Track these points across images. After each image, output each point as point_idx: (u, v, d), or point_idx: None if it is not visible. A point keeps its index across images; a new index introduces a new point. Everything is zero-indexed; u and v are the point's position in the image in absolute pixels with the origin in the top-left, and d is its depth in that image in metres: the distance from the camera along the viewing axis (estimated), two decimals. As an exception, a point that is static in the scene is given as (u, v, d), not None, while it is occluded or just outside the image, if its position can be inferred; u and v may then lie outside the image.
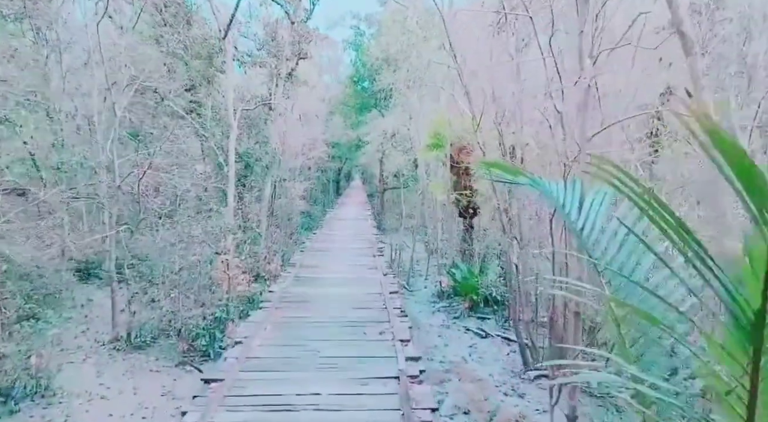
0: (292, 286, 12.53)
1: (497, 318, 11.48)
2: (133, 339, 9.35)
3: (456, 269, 13.12)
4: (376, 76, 26.54)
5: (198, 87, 17.59)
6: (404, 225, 23.35)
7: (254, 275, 14.02)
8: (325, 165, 37.81)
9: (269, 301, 11.06)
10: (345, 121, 35.00)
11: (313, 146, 28.33)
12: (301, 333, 9.12)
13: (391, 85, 24.99)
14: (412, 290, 14.81)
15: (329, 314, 10.18)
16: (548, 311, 8.30)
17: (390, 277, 13.71)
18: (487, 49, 10.81)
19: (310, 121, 27.98)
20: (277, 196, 20.95)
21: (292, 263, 15.67)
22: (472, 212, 14.35)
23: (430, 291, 14.62)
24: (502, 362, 9.11)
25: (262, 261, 14.70)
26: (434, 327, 11.37)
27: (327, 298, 11.39)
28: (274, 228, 20.86)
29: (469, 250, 14.43)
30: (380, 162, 31.97)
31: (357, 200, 40.91)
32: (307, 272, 14.32)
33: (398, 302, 10.85)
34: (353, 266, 15.12)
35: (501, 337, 10.34)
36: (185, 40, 15.41)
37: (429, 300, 13.60)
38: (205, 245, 10.72)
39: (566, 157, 7.26)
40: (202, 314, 9.01)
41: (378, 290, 11.89)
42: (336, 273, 14.20)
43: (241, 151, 16.93)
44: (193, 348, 8.88)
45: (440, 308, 12.68)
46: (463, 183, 14.18)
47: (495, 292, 11.27)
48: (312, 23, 20.06)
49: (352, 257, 16.47)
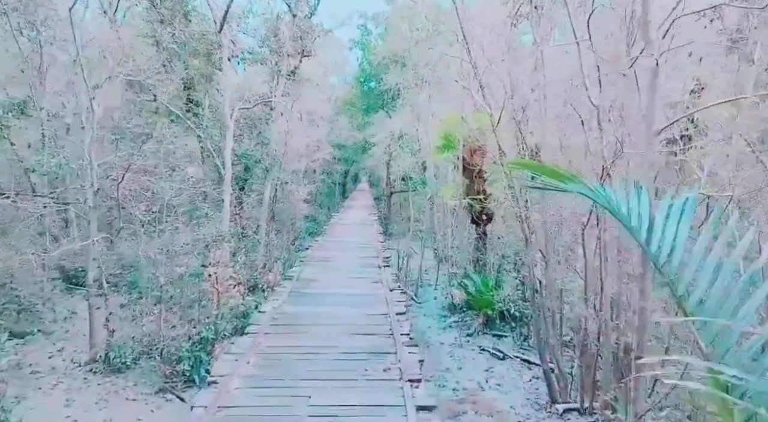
0: (286, 304, 10.88)
1: (515, 337, 10.43)
2: (111, 360, 8.41)
3: (469, 281, 12.08)
4: (383, 76, 25.58)
5: (196, 85, 16.77)
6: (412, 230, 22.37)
7: (251, 286, 13.08)
8: (330, 168, 36.89)
9: (258, 324, 9.36)
10: (351, 122, 34.10)
11: (318, 148, 27.44)
12: (290, 369, 7.38)
13: (399, 85, 24.06)
14: (420, 303, 13.79)
15: (326, 343, 8.48)
16: (578, 333, 7.25)
17: (397, 293, 12.16)
18: (504, 40, 9.82)
19: (314, 122, 27.09)
20: (279, 200, 20.03)
21: (290, 275, 14.08)
22: (485, 218, 13.31)
23: (440, 303, 13.59)
24: (524, 390, 8.07)
25: (261, 270, 13.75)
26: (445, 345, 10.36)
27: (325, 320, 9.74)
28: (276, 234, 19.96)
29: (482, 259, 13.38)
30: (387, 165, 31.00)
31: (363, 204, 39.91)
32: (304, 287, 12.71)
33: (406, 327, 9.24)
34: (356, 280, 13.49)
35: (520, 359, 9.29)
36: (181, 35, 14.53)
37: (439, 314, 12.57)
38: (194, 256, 9.80)
39: (603, 157, 6.24)
40: (187, 334, 8.06)
41: (383, 311, 10.37)
42: (337, 288, 12.59)
43: (240, 152, 16.04)
44: (176, 373, 7.92)
45: (452, 323, 11.64)
46: (477, 187, 13.15)
47: (513, 308, 10.20)
48: (317, 21, 19.12)
49: (356, 269, 14.92)
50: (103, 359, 8.47)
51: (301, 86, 20.09)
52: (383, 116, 27.01)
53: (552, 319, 7.61)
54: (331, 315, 10.06)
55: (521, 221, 7.87)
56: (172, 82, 16.59)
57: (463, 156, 12.97)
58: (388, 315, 9.90)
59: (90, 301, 8.75)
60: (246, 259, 13.61)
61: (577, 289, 7.43)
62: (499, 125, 10.34)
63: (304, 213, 23.28)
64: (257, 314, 10.10)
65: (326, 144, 28.75)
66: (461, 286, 12.46)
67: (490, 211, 13.34)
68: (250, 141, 18.34)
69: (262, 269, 13.86)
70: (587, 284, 6.95)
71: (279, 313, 10.19)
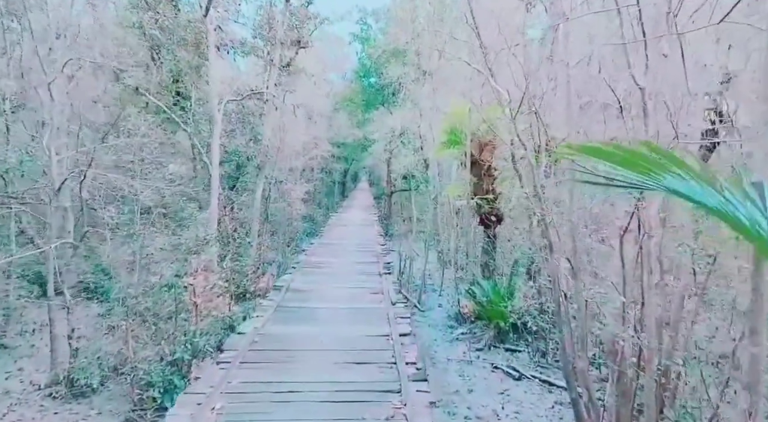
0: (271, 323, 9.36)
1: (530, 352, 9.38)
2: (74, 382, 7.37)
3: (477, 288, 11.04)
4: (383, 70, 24.51)
5: (183, 77, 15.72)
6: (413, 230, 21.33)
7: (241, 293, 12.05)
8: (329, 166, 35.87)
9: (234, 349, 7.77)
10: (350, 119, 33.06)
11: (316, 145, 26.39)
12: (267, 418, 5.93)
13: (400, 79, 23.01)
14: (424, 311, 12.74)
15: (314, 378, 6.96)
16: (613, 356, 6.20)
17: (401, 307, 10.76)
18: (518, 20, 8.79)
19: (312, 118, 26.06)
20: (275, 199, 18.98)
21: (279, 285, 12.51)
22: (495, 219, 12.26)
23: (446, 311, 12.54)
24: (547, 420, 7.02)
25: (251, 275, 12.71)
26: (453, 362, 9.30)
27: (315, 344, 8.26)
28: (271, 235, 18.91)
29: (491, 264, 12.33)
30: (387, 163, 29.98)
31: (363, 203, 38.87)
32: (295, 300, 11.12)
33: (413, 353, 7.77)
34: (354, 292, 12.03)
35: (539, 380, 8.24)
36: (165, 22, 13.48)
37: (446, 324, 11.52)
38: (173, 263, 8.76)
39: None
40: (159, 354, 7.02)
41: (384, 331, 8.98)
42: (331, 302, 11.03)
43: (231, 149, 15.00)
44: (147, 399, 6.88)
45: (459, 335, 10.59)
46: (486, 186, 12.11)
47: (530, 321, 9.14)
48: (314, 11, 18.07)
49: (354, 277, 13.50)
50: (66, 381, 7.42)
51: (296, 79, 19.05)
52: (383, 113, 25.94)
53: (581, 338, 6.57)
54: (323, 337, 8.61)
55: (543, 225, 6.82)
56: (160, 73, 15.63)
57: (471, 152, 11.92)
58: (390, 337, 8.54)
59: (51, 314, 7.70)
60: (236, 264, 12.59)
61: (610, 304, 6.39)
62: (506, 116, 9.34)
63: (301, 213, 22.25)
64: (235, 336, 8.52)
65: (324, 141, 27.72)
66: (469, 294, 11.41)
67: (499, 212, 12.30)
68: (243, 137, 17.33)
69: (254, 274, 12.82)
70: (625, 300, 5.90)
71: (261, 334, 8.66)
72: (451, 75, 17.17)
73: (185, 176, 11.93)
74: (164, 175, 10.36)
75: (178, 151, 16.78)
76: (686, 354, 5.94)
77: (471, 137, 11.64)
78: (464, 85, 14.95)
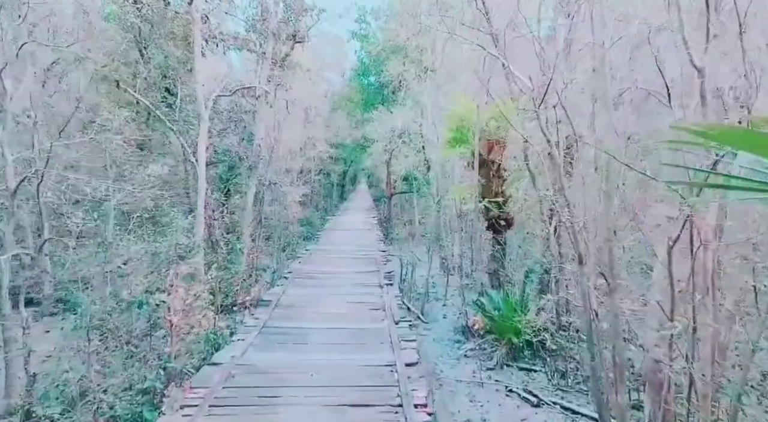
0: (253, 349, 7.79)
1: (549, 373, 8.44)
2: (31, 414, 6.42)
3: (486, 299, 10.12)
4: (383, 67, 23.60)
5: (170, 73, 14.81)
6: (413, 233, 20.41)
7: (230, 304, 11.11)
8: (328, 168, 34.93)
9: (205, 386, 6.20)
10: (349, 119, 32.15)
11: (313, 146, 25.49)
12: None
13: (400, 77, 22.12)
14: (428, 323, 11.81)
15: None
16: (657, 389, 5.28)
17: (405, 327, 9.19)
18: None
19: (309, 118, 25.15)
20: (270, 202, 18.03)
21: (267, 299, 10.71)
22: (504, 224, 11.35)
23: (452, 323, 11.61)
24: (575, 458, 6.08)
25: (241, 284, 11.77)
26: (462, 383, 8.37)
27: (303, 379, 6.76)
28: (266, 239, 17.98)
29: (500, 272, 11.41)
30: (387, 164, 29.07)
31: (362, 205, 37.93)
32: (283, 319, 9.51)
33: (423, 391, 6.30)
34: (352, 307, 10.39)
35: (561, 407, 7.30)
36: (149, 13, 12.58)
37: (451, 338, 10.58)
38: (149, 274, 7.82)
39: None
40: (127, 382, 6.08)
41: (388, 360, 7.44)
42: (325, 321, 9.43)
43: (222, 149, 14.09)
44: (112, 435, 5.94)
45: (468, 351, 9.66)
46: (495, 188, 11.20)
47: (548, 339, 8.19)
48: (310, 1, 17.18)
49: (351, 290, 11.84)
50: (22, 413, 6.47)
51: (292, 76, 18.14)
52: (383, 112, 25.02)
53: (617, 367, 5.64)
54: (312, 369, 7.06)
55: (571, 233, 5.89)
56: (148, 68, 14.72)
57: (479, 151, 11.00)
58: (394, 368, 7.05)
59: (5, 334, 6.75)
60: (225, 272, 11.66)
61: (652, 326, 5.46)
62: (517, 116, 8.45)
63: (298, 217, 21.30)
64: (208, 368, 6.87)
65: (322, 142, 26.81)
66: (477, 305, 10.49)
67: (509, 216, 11.39)
68: (236, 136, 16.43)
69: (244, 282, 11.87)
70: (674, 323, 4.97)
71: (240, 366, 7.06)
72: (455, 70, 16.29)
73: (170, 178, 10.96)
74: (144, 177, 9.42)
75: (170, 151, 15.88)
76: (748, 387, 5.05)
77: (479, 135, 10.72)
78: (470, 80, 14.06)
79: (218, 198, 13.24)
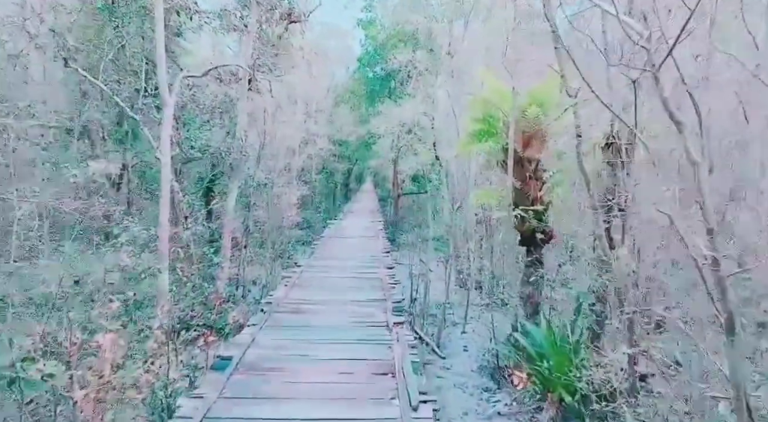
0: None
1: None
2: None
3: (523, 337, 7.86)
4: (389, 55, 21.30)
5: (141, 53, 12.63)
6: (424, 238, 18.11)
7: (200, 334, 8.92)
8: (331, 166, 32.67)
9: None
10: (353, 114, 29.93)
11: (314, 142, 23.32)
12: None
13: (410, 66, 19.84)
14: (445, 358, 9.57)
15: None
16: None
17: (429, 407, 5.49)
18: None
19: (308, 111, 22.97)
20: (261, 206, 15.83)
21: (227, 356, 6.77)
22: (542, 237, 9.07)
23: (475, 359, 9.36)
24: None
25: (217, 307, 9.58)
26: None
27: None
28: (260, 246, 15.78)
29: (537, 298, 9.15)
30: (394, 163, 26.82)
31: (367, 207, 35.65)
32: (244, 397, 5.70)
33: None
34: (347, 369, 6.58)
35: None
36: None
37: (477, 384, 8.30)
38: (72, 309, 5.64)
39: None
40: None
41: None
42: (304, 403, 5.56)
43: (198, 144, 11.91)
44: None
45: (502, 408, 7.39)
46: (531, 193, 8.93)
47: (619, 398, 5.89)
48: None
49: (349, 335, 7.96)
50: None
51: (288, 61, 15.94)
52: (390, 105, 22.72)
53: None
54: None
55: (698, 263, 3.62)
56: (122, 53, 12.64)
57: (513, 147, 8.70)
58: None
59: None
60: (197, 294, 9.51)
61: None
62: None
63: (295, 221, 19.06)
64: None
65: (324, 138, 24.61)
66: (511, 343, 8.25)
67: (548, 228, 9.11)
68: (222, 130, 14.28)
69: (218, 306, 9.66)
70: None
71: None
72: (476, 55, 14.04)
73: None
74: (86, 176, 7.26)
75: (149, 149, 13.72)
76: None
77: (514, 126, 8.43)
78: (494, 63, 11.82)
79: (191, 202, 11.03)
